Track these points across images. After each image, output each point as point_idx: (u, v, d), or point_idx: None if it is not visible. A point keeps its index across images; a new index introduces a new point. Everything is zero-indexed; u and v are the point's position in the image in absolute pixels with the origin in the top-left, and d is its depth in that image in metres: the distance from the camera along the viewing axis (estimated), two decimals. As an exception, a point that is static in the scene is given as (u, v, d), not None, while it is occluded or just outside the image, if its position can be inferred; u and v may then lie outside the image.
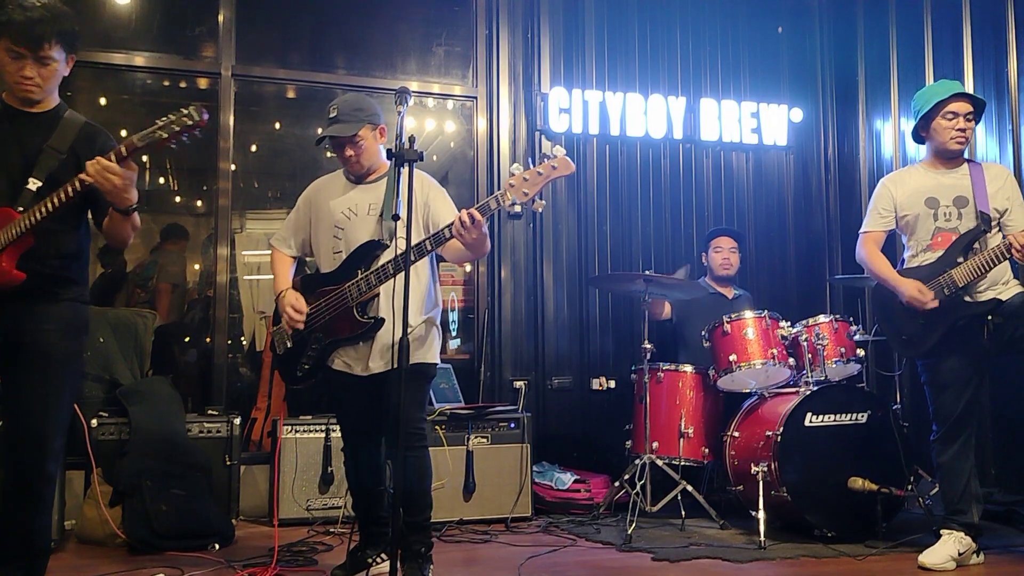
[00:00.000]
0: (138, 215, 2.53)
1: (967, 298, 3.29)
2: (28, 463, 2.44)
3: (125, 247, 2.72)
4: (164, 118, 2.44)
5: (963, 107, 3.37)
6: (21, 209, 2.42)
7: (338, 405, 3.12)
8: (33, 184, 2.45)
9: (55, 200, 2.40)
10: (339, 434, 3.19)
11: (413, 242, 2.78)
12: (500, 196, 2.67)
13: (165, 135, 2.42)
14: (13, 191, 2.45)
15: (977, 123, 3.44)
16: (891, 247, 3.63)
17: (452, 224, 2.70)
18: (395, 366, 2.48)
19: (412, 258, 2.67)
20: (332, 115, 2.94)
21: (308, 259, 3.27)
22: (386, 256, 2.82)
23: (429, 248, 2.78)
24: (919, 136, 3.52)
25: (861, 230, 3.62)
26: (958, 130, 3.37)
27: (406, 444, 2.78)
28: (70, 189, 2.40)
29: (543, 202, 2.70)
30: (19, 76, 2.45)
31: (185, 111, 2.43)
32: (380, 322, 2.85)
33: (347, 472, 3.13)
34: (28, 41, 2.41)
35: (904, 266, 3.50)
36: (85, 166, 2.38)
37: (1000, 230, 3.38)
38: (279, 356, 3.06)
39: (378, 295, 2.86)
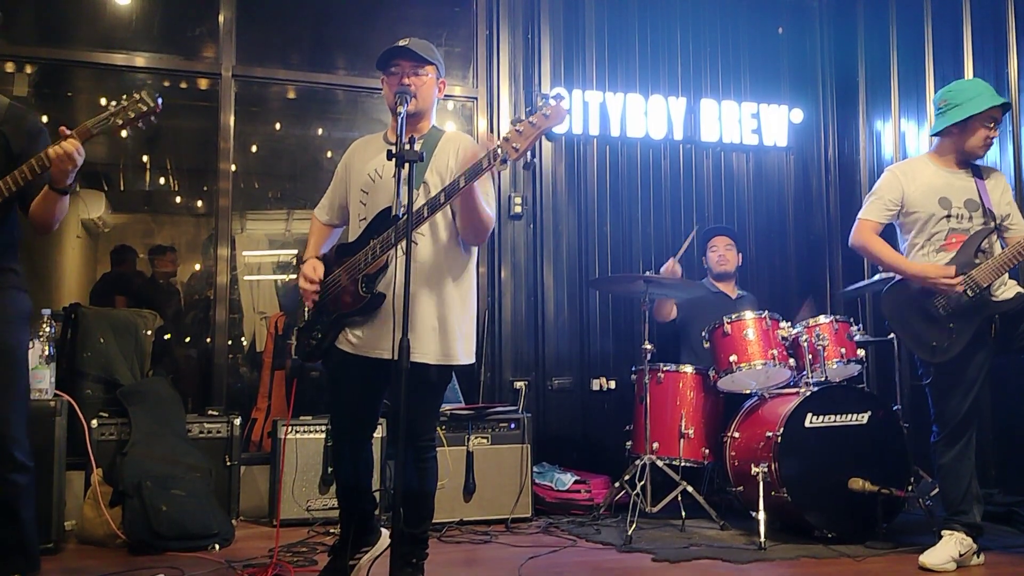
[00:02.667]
0: (68, 200, 2.50)
1: (993, 298, 3.28)
2: None
3: (51, 231, 2.61)
4: (116, 104, 2.41)
5: (999, 117, 3.38)
6: None
7: (336, 388, 2.86)
8: None
9: (18, 179, 2.37)
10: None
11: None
12: (490, 154, 2.44)
13: (120, 122, 2.40)
14: None
15: None
16: (890, 240, 3.60)
17: (444, 189, 2.52)
18: (394, 358, 2.33)
19: (424, 214, 2.56)
20: (403, 43, 2.73)
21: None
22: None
23: (425, 215, 2.58)
24: (944, 131, 3.43)
25: (860, 216, 3.53)
26: (990, 138, 3.37)
27: (417, 456, 2.71)
28: (36, 166, 2.37)
29: (534, 160, 2.44)
30: None
31: (138, 96, 2.39)
32: (380, 297, 2.66)
33: (333, 466, 2.97)
34: None
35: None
36: (61, 143, 2.34)
37: (1000, 234, 3.38)
38: (300, 328, 2.90)
39: (385, 268, 2.66)
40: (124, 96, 2.42)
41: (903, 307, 3.40)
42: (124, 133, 2.45)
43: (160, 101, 2.41)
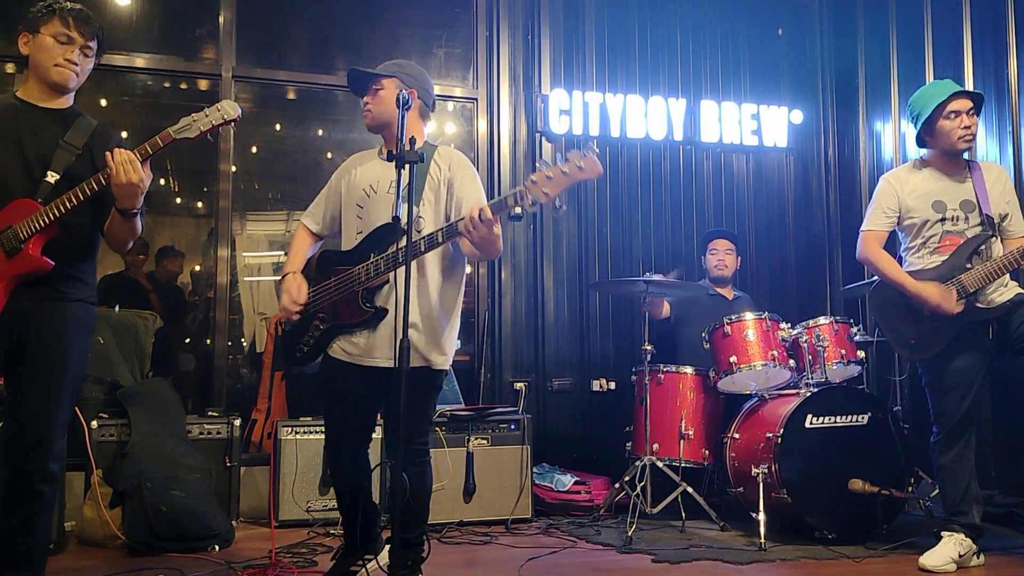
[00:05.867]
0: (140, 221, 2.55)
1: (978, 303, 3.28)
2: (31, 463, 2.45)
3: (124, 251, 2.73)
4: (199, 112, 2.49)
5: (963, 104, 3.34)
6: (41, 200, 2.45)
7: (332, 396, 2.86)
8: (51, 177, 2.49)
9: (85, 190, 2.43)
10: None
11: (429, 229, 2.70)
12: (519, 194, 2.45)
13: (202, 128, 2.48)
14: (31, 183, 2.48)
15: (977, 115, 3.40)
16: (891, 245, 3.61)
17: (462, 219, 2.54)
18: (395, 366, 2.38)
19: (422, 249, 2.61)
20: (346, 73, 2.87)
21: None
22: (402, 242, 2.58)
23: (440, 240, 2.63)
24: (923, 140, 3.48)
25: (863, 228, 3.55)
26: (964, 128, 3.33)
27: (407, 460, 2.71)
28: (102, 179, 2.43)
29: (564, 207, 2.51)
30: (65, 59, 2.52)
31: (220, 107, 2.48)
32: (382, 312, 2.72)
33: (332, 474, 2.99)
34: (81, 28, 2.52)
35: (906, 267, 3.47)
36: (112, 154, 2.41)
37: (1000, 234, 3.38)
38: (285, 332, 2.92)
39: (387, 283, 2.71)
40: (206, 108, 2.50)
41: (890, 304, 3.44)
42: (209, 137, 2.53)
43: (239, 112, 2.50)
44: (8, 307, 2.42)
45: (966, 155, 3.48)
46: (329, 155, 5.98)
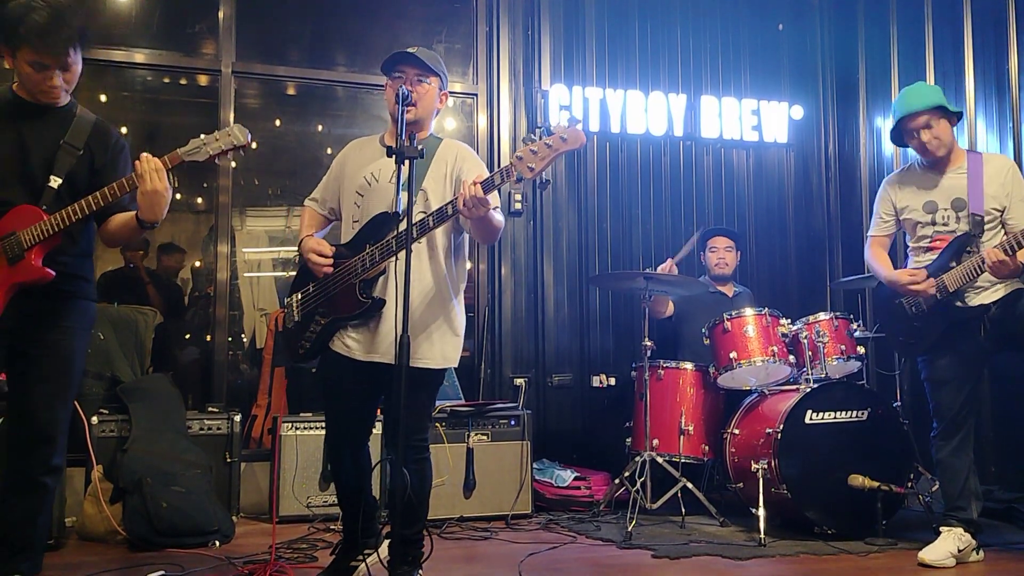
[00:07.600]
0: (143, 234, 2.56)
1: (958, 303, 3.30)
2: (36, 458, 2.46)
3: (115, 248, 2.73)
4: (209, 135, 2.48)
5: (917, 122, 3.37)
6: (45, 208, 2.44)
7: (331, 391, 2.84)
8: (54, 182, 2.48)
9: (91, 203, 2.42)
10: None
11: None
12: (506, 170, 2.49)
13: (211, 152, 2.47)
14: (35, 188, 2.47)
15: (959, 119, 3.43)
16: (896, 246, 3.63)
17: (453, 200, 2.53)
18: (395, 363, 2.37)
19: (414, 235, 2.54)
20: (411, 50, 2.77)
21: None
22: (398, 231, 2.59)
23: (432, 225, 2.59)
24: (899, 141, 3.55)
25: (868, 234, 3.66)
26: (921, 143, 3.39)
27: (405, 457, 2.73)
28: (116, 188, 2.43)
29: (549, 181, 2.51)
30: (46, 86, 2.46)
31: (230, 132, 2.47)
32: (379, 303, 2.68)
33: (332, 469, 2.97)
34: (52, 52, 2.40)
35: (910, 265, 3.50)
36: (141, 161, 2.40)
37: (1003, 228, 3.36)
38: (286, 330, 2.89)
39: (383, 273, 2.69)
40: (216, 132, 2.50)
41: (883, 303, 3.59)
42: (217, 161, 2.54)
43: (250, 139, 2.49)
44: (9, 304, 2.42)
45: (966, 144, 3.51)
46: (329, 151, 5.97)
